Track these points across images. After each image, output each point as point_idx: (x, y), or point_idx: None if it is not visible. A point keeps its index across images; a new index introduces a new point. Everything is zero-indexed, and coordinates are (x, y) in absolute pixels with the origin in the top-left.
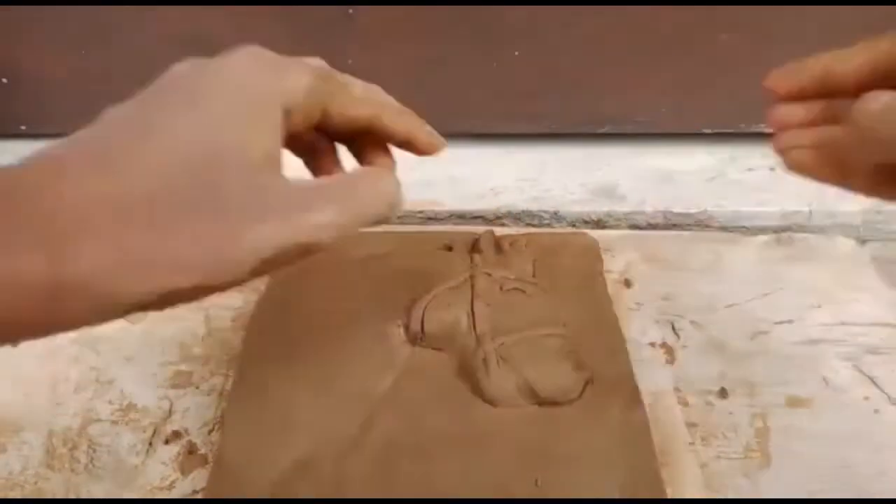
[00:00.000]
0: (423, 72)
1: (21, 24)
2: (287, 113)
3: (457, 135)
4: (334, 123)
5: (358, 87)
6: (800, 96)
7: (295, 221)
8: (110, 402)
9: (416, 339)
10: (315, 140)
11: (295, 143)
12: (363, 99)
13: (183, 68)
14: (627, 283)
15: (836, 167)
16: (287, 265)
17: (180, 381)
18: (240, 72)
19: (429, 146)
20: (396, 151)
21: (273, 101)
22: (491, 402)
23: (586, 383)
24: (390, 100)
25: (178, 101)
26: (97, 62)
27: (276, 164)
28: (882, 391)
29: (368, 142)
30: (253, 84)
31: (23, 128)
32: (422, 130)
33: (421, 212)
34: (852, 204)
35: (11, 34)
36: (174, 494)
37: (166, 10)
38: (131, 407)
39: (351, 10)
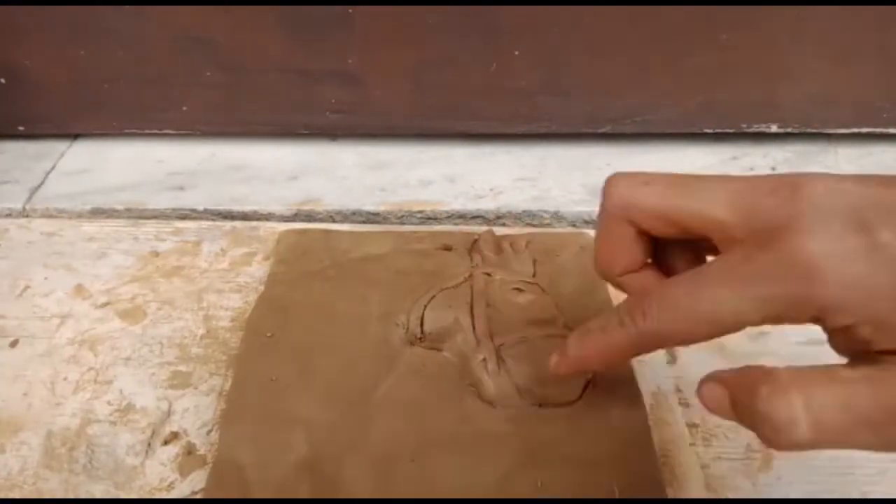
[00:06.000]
0: (423, 72)
1: (20, 24)
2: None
3: (457, 135)
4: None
5: None
6: None
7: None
8: (109, 403)
9: (416, 339)
10: None
11: None
12: None
13: None
14: None
15: None
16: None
17: (179, 381)
18: None
19: None
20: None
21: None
22: (490, 403)
23: (586, 384)
24: None
25: None
26: (96, 63)
27: None
28: None
29: None
30: None
31: (21, 128)
32: None
33: (421, 212)
34: None
35: (10, 34)
36: (173, 495)
37: (166, 10)
38: (130, 407)
39: (351, 10)
